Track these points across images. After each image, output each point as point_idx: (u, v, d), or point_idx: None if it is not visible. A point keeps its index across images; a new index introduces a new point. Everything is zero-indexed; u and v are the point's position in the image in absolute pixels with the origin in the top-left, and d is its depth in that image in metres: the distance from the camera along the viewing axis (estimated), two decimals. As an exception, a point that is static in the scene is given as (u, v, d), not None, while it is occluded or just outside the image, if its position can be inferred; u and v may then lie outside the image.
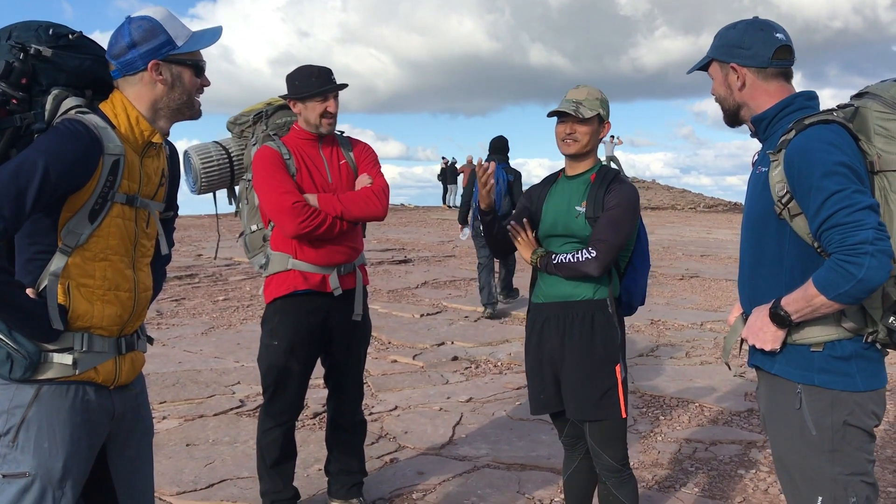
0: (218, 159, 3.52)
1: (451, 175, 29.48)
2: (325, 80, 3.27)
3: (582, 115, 2.78)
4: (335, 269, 3.32)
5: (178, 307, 8.70)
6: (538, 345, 2.90)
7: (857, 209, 1.84)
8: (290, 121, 3.47)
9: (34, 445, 1.90)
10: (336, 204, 3.21)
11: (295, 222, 3.14)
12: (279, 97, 3.49)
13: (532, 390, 2.97)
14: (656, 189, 33.16)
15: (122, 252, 2.03)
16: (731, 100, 2.22)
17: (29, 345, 1.88)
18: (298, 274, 3.29)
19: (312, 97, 3.25)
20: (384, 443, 4.55)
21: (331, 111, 3.29)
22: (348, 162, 3.42)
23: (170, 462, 4.18)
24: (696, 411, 5.15)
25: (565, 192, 2.89)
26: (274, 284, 3.34)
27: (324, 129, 3.32)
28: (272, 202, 3.18)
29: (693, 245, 16.25)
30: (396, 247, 14.64)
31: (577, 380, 2.79)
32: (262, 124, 3.54)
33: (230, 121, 3.63)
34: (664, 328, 7.88)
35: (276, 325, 3.34)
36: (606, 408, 2.76)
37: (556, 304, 2.84)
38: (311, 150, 3.34)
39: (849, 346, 2.01)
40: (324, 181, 3.32)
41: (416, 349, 6.90)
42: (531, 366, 2.95)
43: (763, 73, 2.16)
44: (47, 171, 1.81)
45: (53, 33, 1.96)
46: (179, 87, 2.08)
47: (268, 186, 3.20)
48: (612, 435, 2.81)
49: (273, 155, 3.24)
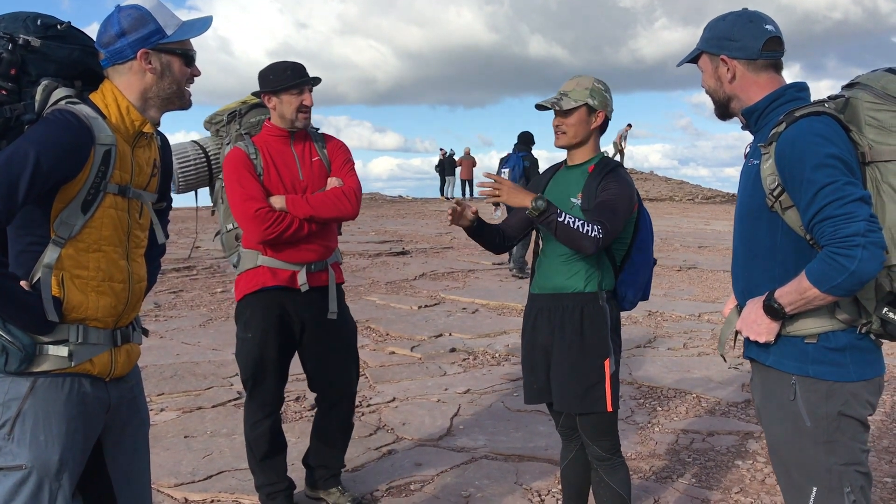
0: (195, 159, 3.54)
1: (449, 167, 29.41)
2: (299, 73, 3.25)
3: (560, 108, 2.77)
4: (305, 267, 3.31)
5: (177, 299, 8.70)
6: (532, 335, 2.91)
7: (848, 201, 1.84)
8: (263, 119, 3.46)
9: (30, 438, 1.90)
10: (305, 206, 3.20)
11: (259, 229, 3.15)
12: (252, 94, 3.48)
13: (526, 380, 2.99)
14: (654, 180, 33.12)
15: (115, 243, 2.03)
16: (722, 92, 2.22)
17: (24, 337, 1.87)
18: (267, 270, 3.28)
19: (287, 90, 3.23)
20: (382, 434, 4.55)
21: (306, 104, 3.27)
22: (321, 159, 3.39)
23: (168, 454, 4.18)
24: (694, 402, 5.16)
25: (564, 181, 2.88)
26: (244, 281, 3.34)
27: (300, 124, 3.30)
28: (236, 209, 3.21)
29: (691, 236, 16.26)
30: (394, 238, 14.63)
31: (564, 372, 2.79)
32: (235, 123, 3.54)
33: (206, 119, 3.66)
34: (662, 319, 7.89)
35: (247, 318, 3.35)
36: (592, 401, 2.75)
37: (548, 295, 2.85)
38: (282, 146, 3.32)
39: (843, 338, 2.01)
40: (294, 179, 3.29)
41: (413, 341, 6.91)
42: (525, 356, 2.97)
43: (753, 65, 2.15)
44: (39, 161, 1.80)
45: (42, 24, 1.95)
46: (169, 77, 2.07)
47: (234, 192, 3.21)
48: (602, 428, 2.82)
49: (241, 157, 3.23)
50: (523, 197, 2.61)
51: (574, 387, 2.76)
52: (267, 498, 3.45)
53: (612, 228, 2.64)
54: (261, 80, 3.28)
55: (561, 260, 2.82)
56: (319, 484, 3.62)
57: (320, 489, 3.62)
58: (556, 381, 2.82)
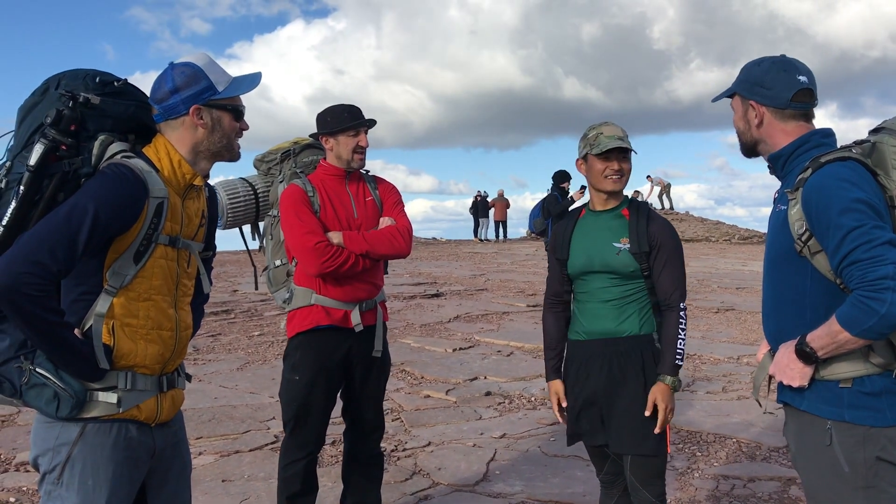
0: (244, 196, 3.62)
1: (482, 209, 29.52)
2: (356, 115, 3.37)
3: (634, 151, 2.87)
4: (357, 305, 3.37)
5: (215, 342, 8.81)
6: (582, 381, 2.88)
7: (876, 245, 1.84)
8: (317, 159, 3.57)
9: (78, 483, 1.95)
10: (362, 242, 3.28)
11: (317, 262, 3.22)
12: (308, 136, 3.58)
13: (571, 422, 2.96)
14: (690, 221, 32.85)
15: (164, 292, 2.09)
16: (749, 135, 2.27)
17: (75, 384, 1.94)
18: (321, 309, 3.34)
19: (345, 131, 3.34)
20: (418, 479, 4.54)
21: (362, 145, 3.38)
22: (374, 199, 3.50)
23: (206, 498, 4.21)
24: (734, 447, 5.06)
25: (596, 227, 2.90)
26: (297, 319, 3.40)
27: (355, 164, 3.40)
28: (296, 242, 3.27)
29: (728, 277, 16.05)
30: (428, 280, 14.67)
31: (625, 414, 2.78)
32: (289, 162, 3.63)
33: (258, 158, 3.74)
34: (700, 362, 7.78)
35: (297, 360, 3.39)
36: (653, 442, 2.74)
37: (599, 341, 2.84)
38: (337, 186, 3.42)
39: (878, 382, 1.99)
40: (349, 216, 3.39)
41: (448, 384, 6.89)
42: (573, 401, 2.92)
43: (781, 114, 2.18)
44: (97, 215, 1.88)
45: (100, 81, 2.04)
46: (219, 131, 2.15)
47: (292, 226, 3.28)
48: (654, 471, 2.80)
49: (299, 193, 3.33)
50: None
51: (637, 428, 2.76)
52: None
53: (684, 288, 2.83)
54: (319, 122, 3.40)
55: (611, 305, 2.83)
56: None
57: None
58: (615, 424, 2.80)
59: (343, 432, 3.70)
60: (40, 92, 2.02)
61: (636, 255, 2.76)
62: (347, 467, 3.65)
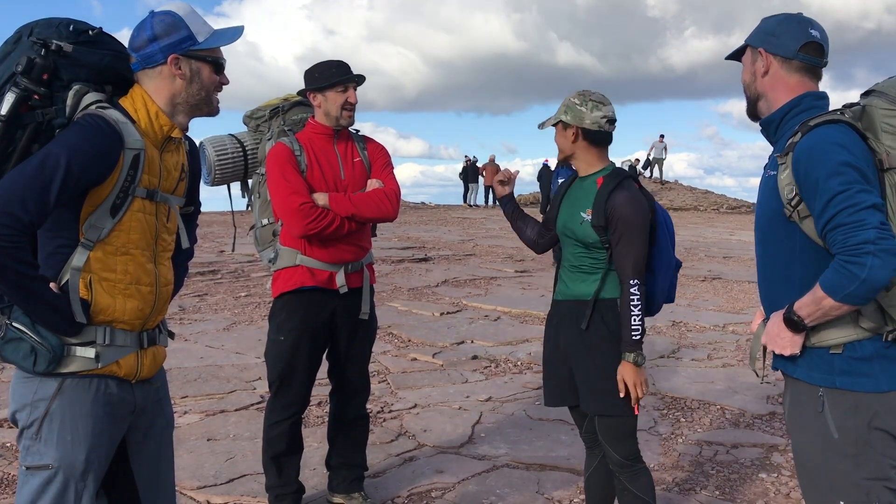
0: (233, 152, 3.54)
1: (472, 174, 29.45)
2: (344, 71, 3.29)
3: (541, 127, 2.89)
4: (342, 267, 3.34)
5: (201, 302, 8.77)
6: (555, 339, 2.94)
7: (859, 209, 1.82)
8: (306, 117, 3.49)
9: (57, 438, 1.93)
10: (347, 205, 3.23)
11: (302, 223, 3.17)
12: (296, 93, 3.50)
13: (547, 382, 3.00)
14: (679, 189, 32.90)
15: (143, 246, 2.05)
16: (753, 87, 2.24)
17: (52, 338, 1.90)
18: (306, 270, 3.31)
19: (333, 87, 3.27)
20: (403, 440, 4.56)
21: (351, 101, 3.30)
22: (363, 160, 3.43)
23: (191, 456, 4.21)
24: (718, 414, 5.10)
25: (576, 195, 2.90)
26: (282, 279, 3.36)
27: (344, 121, 3.33)
28: (280, 202, 3.22)
29: (716, 246, 16.11)
30: (417, 245, 14.65)
31: (590, 374, 2.80)
32: (278, 119, 3.55)
33: (247, 115, 3.66)
34: (686, 330, 7.82)
35: (282, 320, 3.36)
36: (616, 404, 2.76)
37: (573, 301, 2.86)
38: (325, 144, 3.35)
39: (869, 347, 1.97)
40: (336, 177, 3.33)
41: (435, 347, 6.91)
42: (548, 359, 2.99)
43: (787, 65, 2.15)
44: (70, 165, 1.83)
45: (74, 29, 1.97)
46: (198, 83, 2.10)
47: (277, 186, 3.23)
48: (621, 431, 2.82)
49: (285, 152, 3.26)
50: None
51: (602, 388, 2.77)
52: (275, 500, 3.46)
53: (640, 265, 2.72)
54: (306, 78, 3.32)
55: (580, 271, 2.85)
56: (342, 487, 3.62)
57: (343, 493, 3.62)
58: (583, 384, 2.84)
59: (329, 393, 3.69)
60: (12, 41, 1.96)
61: (595, 227, 2.74)
62: (333, 428, 3.65)
